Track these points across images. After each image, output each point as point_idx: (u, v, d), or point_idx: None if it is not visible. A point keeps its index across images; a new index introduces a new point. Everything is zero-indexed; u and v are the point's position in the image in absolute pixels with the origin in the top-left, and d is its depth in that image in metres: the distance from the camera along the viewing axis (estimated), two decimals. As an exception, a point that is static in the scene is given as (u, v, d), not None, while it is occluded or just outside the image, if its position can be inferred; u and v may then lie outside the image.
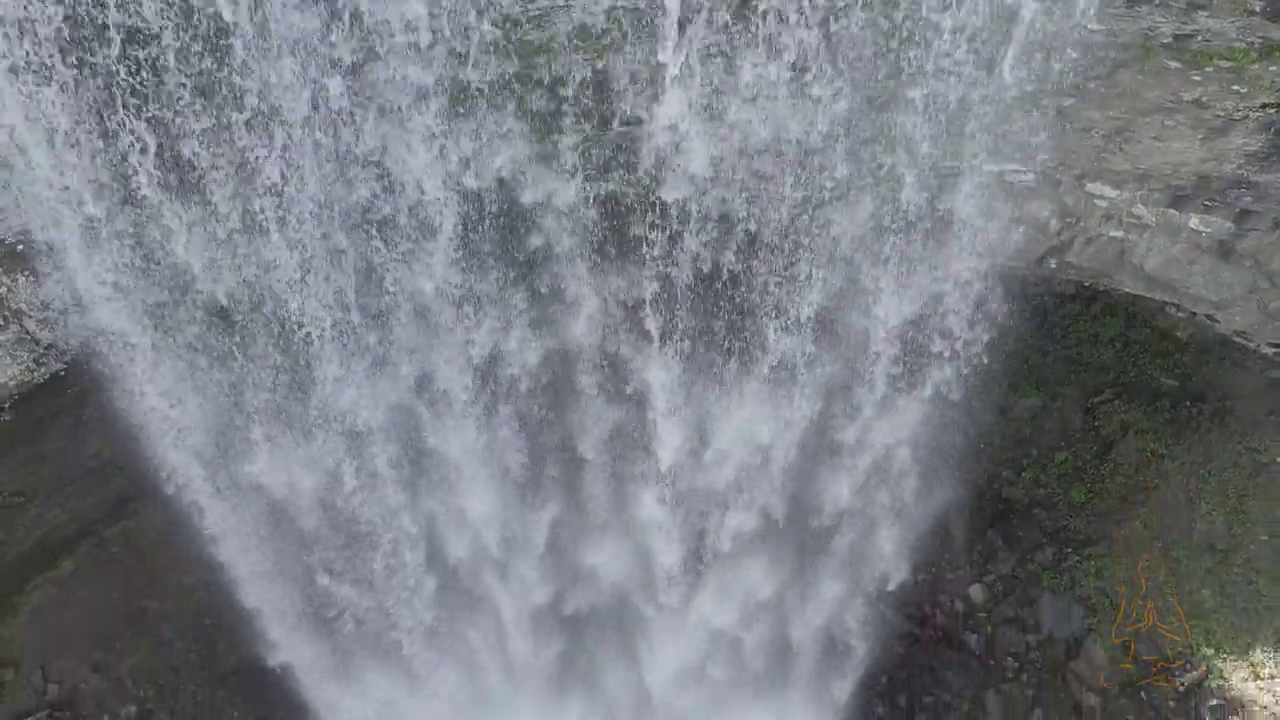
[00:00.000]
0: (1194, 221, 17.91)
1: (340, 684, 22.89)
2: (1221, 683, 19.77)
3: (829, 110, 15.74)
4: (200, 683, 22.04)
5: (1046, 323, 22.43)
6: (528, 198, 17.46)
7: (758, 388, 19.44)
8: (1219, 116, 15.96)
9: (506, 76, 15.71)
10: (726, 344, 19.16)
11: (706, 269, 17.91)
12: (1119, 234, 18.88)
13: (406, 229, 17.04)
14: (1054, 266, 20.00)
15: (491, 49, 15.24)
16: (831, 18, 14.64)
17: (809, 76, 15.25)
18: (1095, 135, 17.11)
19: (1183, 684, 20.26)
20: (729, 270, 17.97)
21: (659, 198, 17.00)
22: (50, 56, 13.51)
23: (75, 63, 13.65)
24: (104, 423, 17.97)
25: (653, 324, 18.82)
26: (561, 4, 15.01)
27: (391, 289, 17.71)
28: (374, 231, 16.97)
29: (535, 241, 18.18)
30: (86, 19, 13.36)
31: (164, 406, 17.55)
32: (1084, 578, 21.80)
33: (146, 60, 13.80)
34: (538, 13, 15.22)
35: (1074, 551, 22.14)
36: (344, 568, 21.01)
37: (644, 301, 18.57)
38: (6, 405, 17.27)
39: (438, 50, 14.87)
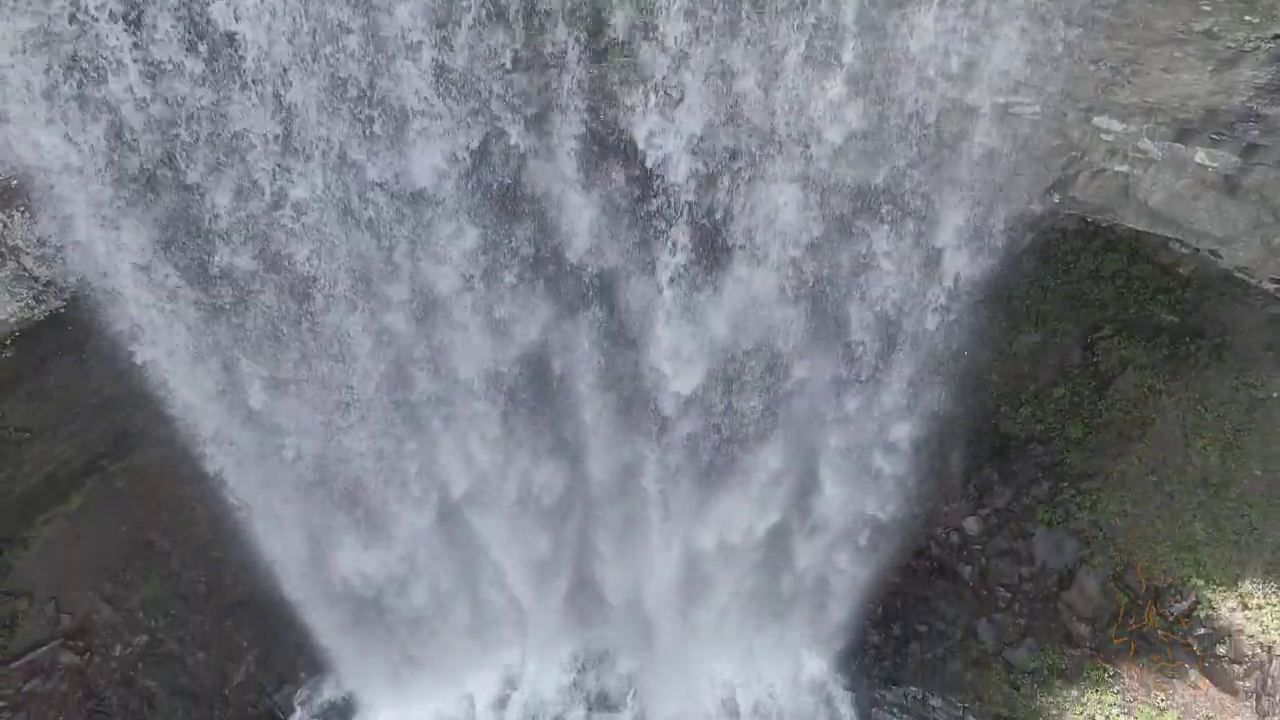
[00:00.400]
0: (1200, 156, 17.70)
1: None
2: (1210, 613, 20.17)
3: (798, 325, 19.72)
4: (209, 613, 22.47)
5: (1048, 258, 22.33)
6: (557, 370, 21.36)
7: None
8: (1229, 48, 15.67)
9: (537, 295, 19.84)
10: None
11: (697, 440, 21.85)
12: (1124, 168, 18.68)
13: (460, 409, 20.83)
14: (1057, 201, 19.83)
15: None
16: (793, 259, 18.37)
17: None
18: (1103, 67, 16.82)
19: (1172, 614, 20.67)
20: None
21: (657, 405, 21.00)
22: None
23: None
24: (105, 360, 18.04)
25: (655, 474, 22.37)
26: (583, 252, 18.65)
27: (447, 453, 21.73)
28: (433, 415, 20.80)
29: (563, 405, 21.95)
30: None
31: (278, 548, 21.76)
32: (1078, 511, 22.08)
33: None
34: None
35: (1069, 486, 22.39)
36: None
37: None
38: (8, 342, 17.31)
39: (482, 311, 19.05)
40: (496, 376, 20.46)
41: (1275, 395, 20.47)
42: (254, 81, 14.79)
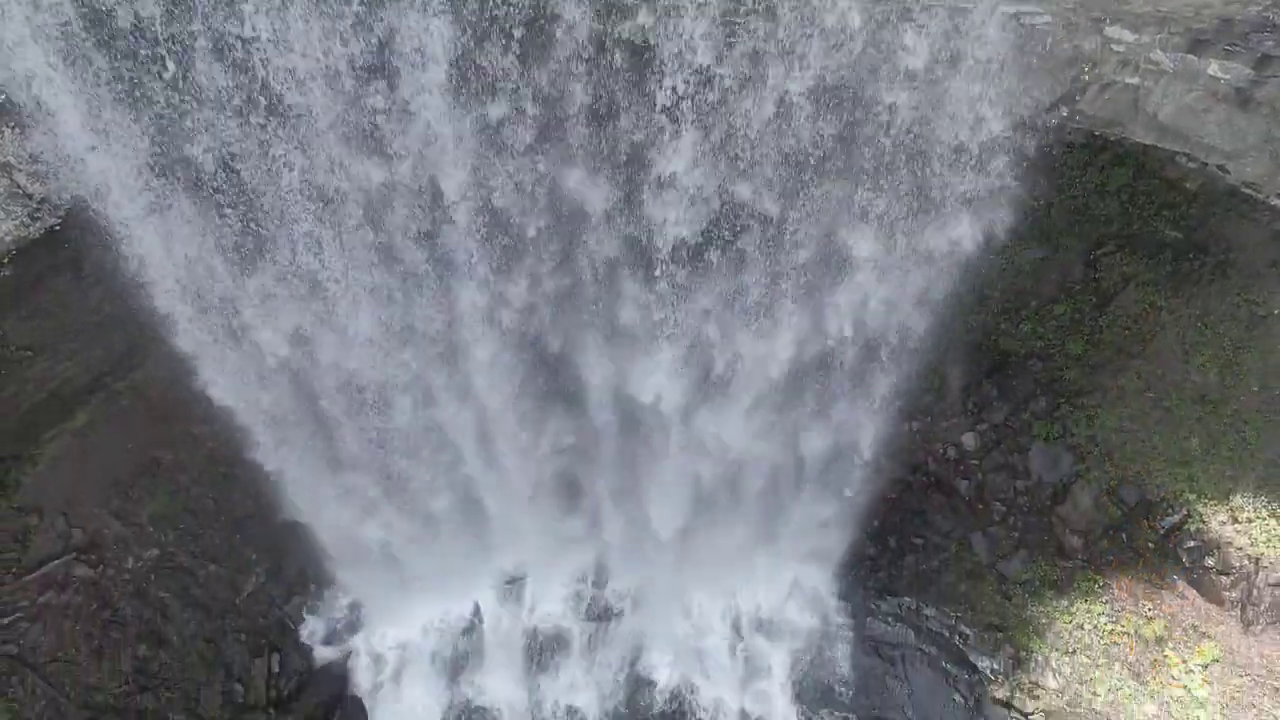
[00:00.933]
0: (1213, 68, 17.29)
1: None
2: (1200, 526, 20.55)
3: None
4: (218, 527, 22.87)
5: (1053, 173, 22.05)
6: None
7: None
8: (1249, -46, 15.21)
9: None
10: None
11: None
12: (1134, 80, 18.27)
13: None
14: (1065, 115, 19.46)
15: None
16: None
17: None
18: (1117, -26, 16.36)
19: (1163, 527, 21.06)
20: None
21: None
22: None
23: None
24: (103, 278, 18.00)
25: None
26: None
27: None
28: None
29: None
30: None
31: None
32: (1075, 427, 22.31)
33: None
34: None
35: (1067, 402, 22.56)
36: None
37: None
38: (5, 261, 17.23)
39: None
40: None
41: (1276, 313, 20.44)
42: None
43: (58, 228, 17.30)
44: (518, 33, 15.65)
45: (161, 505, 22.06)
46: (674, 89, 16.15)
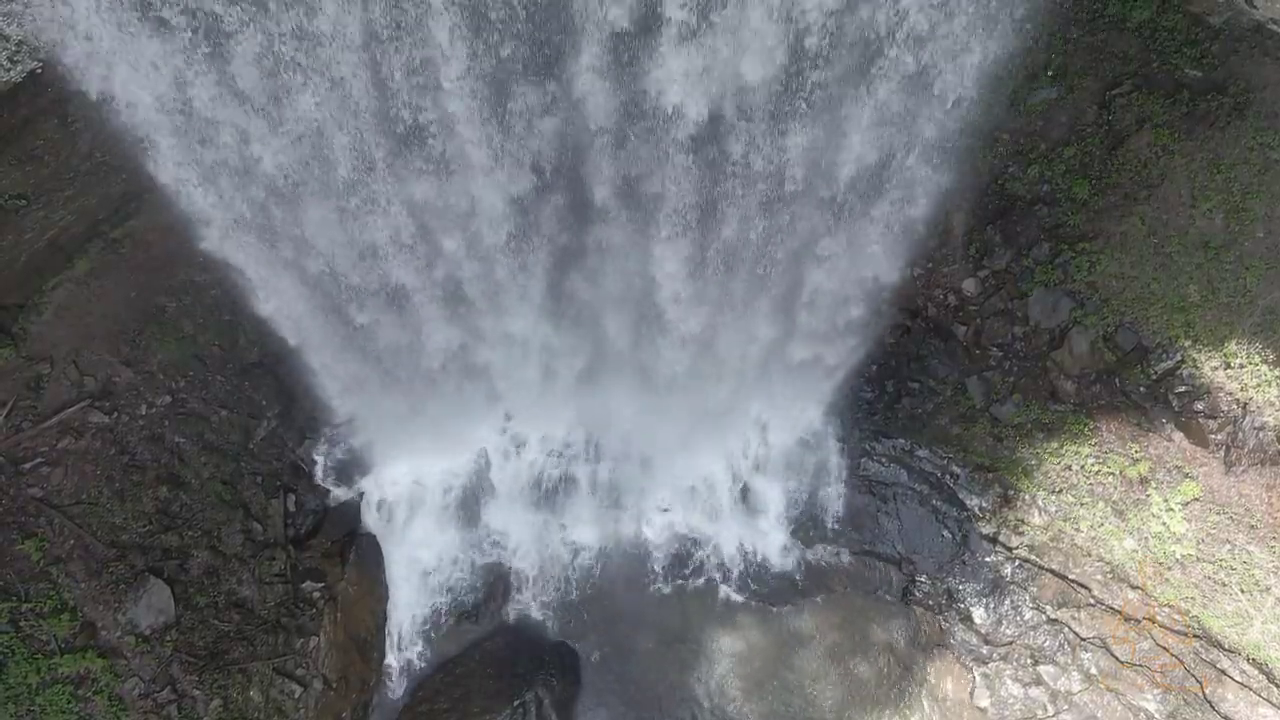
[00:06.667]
0: (1250, -108, 16.32)
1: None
2: (1193, 371, 20.89)
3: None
4: (227, 374, 23.16)
5: (1073, 6, 21.18)
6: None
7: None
8: None
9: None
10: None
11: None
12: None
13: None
14: (1089, -56, 18.51)
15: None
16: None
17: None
18: None
19: (1156, 372, 21.40)
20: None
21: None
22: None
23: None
24: (92, 125, 17.59)
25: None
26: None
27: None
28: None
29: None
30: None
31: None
32: (1076, 273, 22.31)
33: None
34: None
35: (1069, 247, 22.46)
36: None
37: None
38: (-11, 106, 16.78)
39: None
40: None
41: (1290, 157, 20.09)
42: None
43: (39, 71, 16.74)
44: None
45: (170, 352, 22.30)
46: None
